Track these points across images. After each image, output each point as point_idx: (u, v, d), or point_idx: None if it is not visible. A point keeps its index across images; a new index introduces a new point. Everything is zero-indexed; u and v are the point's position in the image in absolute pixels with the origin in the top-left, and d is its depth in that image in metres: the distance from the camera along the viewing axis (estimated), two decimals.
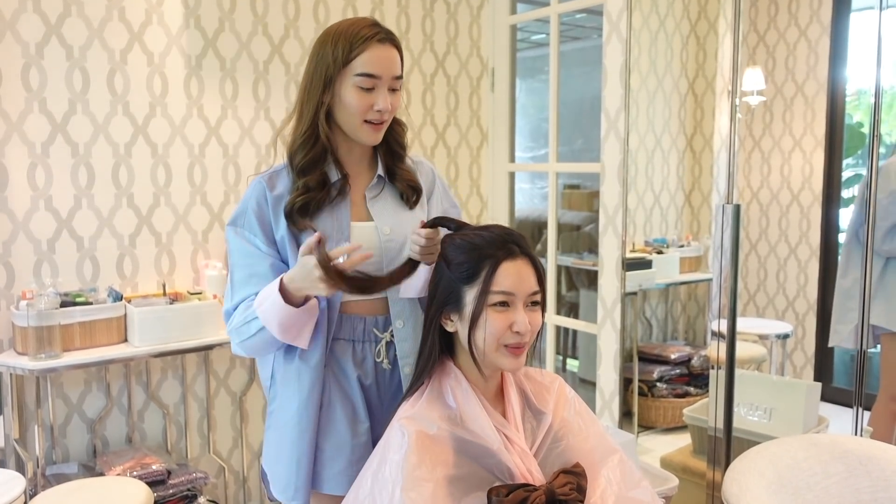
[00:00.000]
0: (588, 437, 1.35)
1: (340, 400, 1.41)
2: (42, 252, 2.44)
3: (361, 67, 1.35)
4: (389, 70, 1.38)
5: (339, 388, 1.42)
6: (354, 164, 1.47)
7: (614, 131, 2.76)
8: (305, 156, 1.40)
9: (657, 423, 3.23)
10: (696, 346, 3.43)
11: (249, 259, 1.41)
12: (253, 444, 2.89)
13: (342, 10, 2.95)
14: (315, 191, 1.39)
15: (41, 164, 2.42)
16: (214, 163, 2.73)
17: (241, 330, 1.39)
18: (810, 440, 1.66)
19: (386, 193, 1.47)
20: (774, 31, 3.45)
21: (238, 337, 1.40)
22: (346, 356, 1.42)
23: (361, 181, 1.47)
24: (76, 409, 2.53)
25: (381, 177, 1.48)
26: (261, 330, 1.35)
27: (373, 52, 1.36)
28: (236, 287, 1.42)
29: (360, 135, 1.40)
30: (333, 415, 1.40)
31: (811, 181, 3.34)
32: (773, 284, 3.47)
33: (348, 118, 1.39)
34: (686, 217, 3.48)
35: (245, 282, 1.40)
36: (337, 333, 1.42)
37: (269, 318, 1.32)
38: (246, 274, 1.40)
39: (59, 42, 2.42)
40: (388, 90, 1.38)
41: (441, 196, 1.57)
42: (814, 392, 2.49)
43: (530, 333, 1.26)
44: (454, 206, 1.61)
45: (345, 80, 1.37)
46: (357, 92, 1.37)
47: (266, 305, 1.33)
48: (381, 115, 1.38)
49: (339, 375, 1.42)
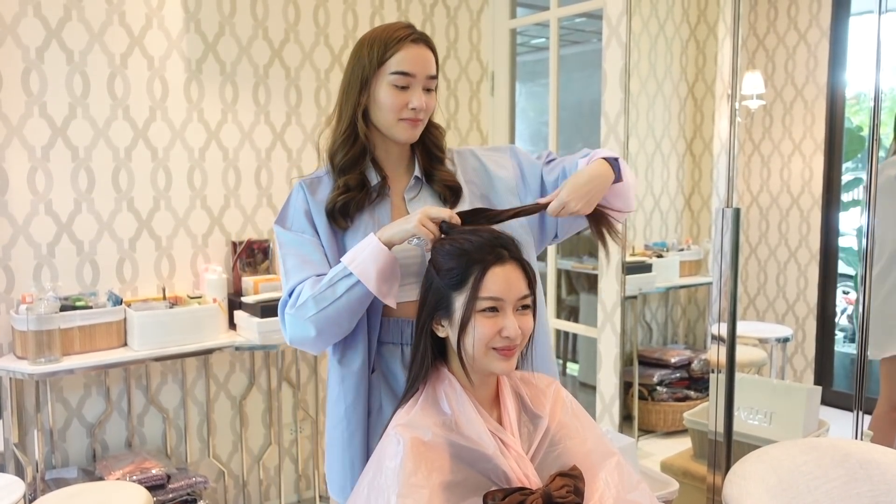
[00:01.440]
0: (585, 439, 1.34)
1: (392, 403, 1.41)
2: (42, 256, 2.44)
3: (396, 66, 1.38)
4: (424, 69, 1.39)
5: (390, 391, 1.42)
6: (393, 166, 1.48)
7: (614, 135, 2.76)
8: (346, 155, 1.42)
9: (657, 427, 3.23)
10: (697, 349, 3.43)
11: (301, 248, 1.42)
12: (253, 448, 2.89)
13: (342, 15, 2.95)
14: (355, 190, 1.41)
15: (41, 169, 2.42)
16: (214, 167, 2.73)
17: (323, 296, 1.33)
18: (810, 444, 1.65)
19: (424, 194, 1.48)
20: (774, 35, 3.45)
21: (315, 306, 1.34)
22: (395, 359, 1.42)
23: (400, 183, 1.48)
24: (76, 413, 2.53)
25: (419, 178, 1.48)
26: (353, 287, 1.32)
27: (407, 52, 1.38)
28: (290, 274, 1.41)
29: (397, 132, 1.42)
30: (385, 419, 1.39)
31: (811, 185, 3.34)
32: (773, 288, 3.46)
33: (384, 117, 1.41)
34: (686, 221, 3.48)
35: (299, 268, 1.40)
36: (384, 337, 1.42)
37: (366, 269, 1.31)
38: (299, 261, 1.41)
39: (60, 46, 2.42)
40: (422, 90, 1.40)
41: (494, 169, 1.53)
42: (814, 396, 2.49)
43: (521, 337, 1.25)
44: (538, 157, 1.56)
45: (380, 79, 1.39)
46: (392, 90, 1.38)
47: (361, 258, 1.32)
48: (416, 114, 1.40)
49: (390, 379, 1.42)
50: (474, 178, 1.51)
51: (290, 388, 2.95)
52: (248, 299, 2.59)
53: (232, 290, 2.74)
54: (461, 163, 1.54)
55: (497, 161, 1.54)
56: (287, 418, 2.95)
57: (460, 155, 1.55)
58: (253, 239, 2.79)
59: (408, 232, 1.30)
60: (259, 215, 2.84)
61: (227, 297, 2.68)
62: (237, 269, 2.75)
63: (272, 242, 2.83)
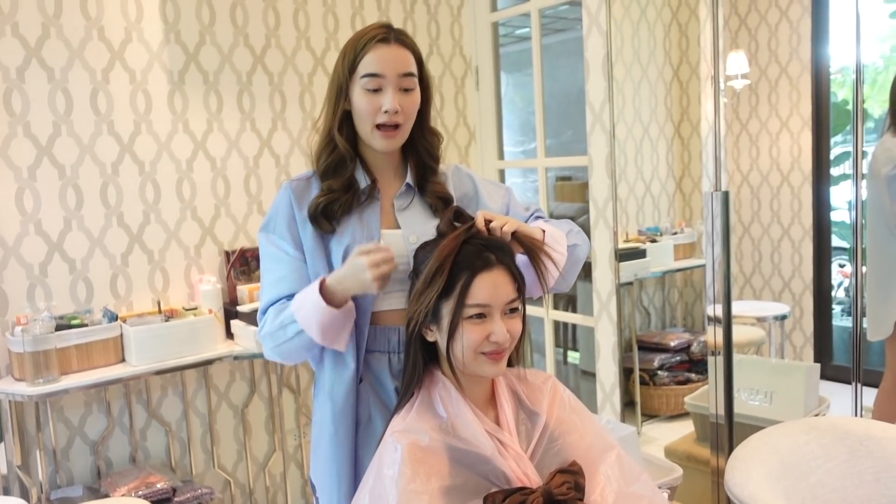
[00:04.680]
0: (584, 434, 1.34)
1: (381, 413, 1.40)
2: (34, 276, 2.43)
3: (365, 69, 1.36)
4: (394, 68, 1.36)
5: (379, 401, 1.41)
6: (382, 171, 1.47)
7: (599, 124, 2.76)
8: (327, 160, 1.42)
9: (660, 412, 3.24)
10: (696, 331, 3.44)
11: (276, 263, 1.43)
12: (258, 456, 2.90)
13: (322, 17, 2.94)
14: (339, 192, 1.40)
15: (28, 189, 2.41)
16: (203, 177, 2.73)
17: (277, 334, 1.38)
18: (810, 424, 1.66)
19: (416, 203, 1.47)
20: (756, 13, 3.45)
21: (272, 341, 1.40)
22: (383, 368, 1.41)
23: (391, 188, 1.47)
24: (78, 431, 2.53)
25: (410, 186, 1.47)
26: (298, 334, 1.35)
27: (375, 53, 1.36)
28: (264, 290, 1.44)
29: (373, 141, 1.40)
30: (374, 428, 1.40)
31: (800, 161, 3.34)
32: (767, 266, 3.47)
33: (361, 123, 1.40)
34: (678, 204, 3.48)
35: (272, 285, 1.42)
36: (371, 346, 1.41)
37: (308, 321, 1.33)
38: (273, 278, 1.42)
39: (40, 65, 2.41)
40: (397, 90, 1.37)
41: (486, 197, 1.52)
42: (813, 373, 2.50)
43: (509, 341, 1.25)
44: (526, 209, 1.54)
45: (354, 86, 1.38)
46: (364, 94, 1.37)
47: (305, 308, 1.33)
48: (391, 117, 1.37)
49: (378, 389, 1.42)
50: (463, 199, 1.50)
51: (291, 393, 2.95)
52: (243, 308, 2.59)
53: (227, 299, 2.74)
54: (456, 179, 1.53)
55: (490, 193, 1.54)
56: (290, 424, 2.95)
57: (458, 172, 1.54)
58: (246, 247, 2.78)
59: (364, 286, 1.28)
60: (250, 223, 2.83)
61: (222, 306, 2.67)
62: (231, 279, 2.74)
63: None
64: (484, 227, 1.28)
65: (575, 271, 1.45)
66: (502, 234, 1.28)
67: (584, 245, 1.46)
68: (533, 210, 1.53)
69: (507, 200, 1.54)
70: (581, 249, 1.44)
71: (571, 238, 1.43)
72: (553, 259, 1.32)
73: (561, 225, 1.46)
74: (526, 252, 1.30)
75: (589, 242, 1.50)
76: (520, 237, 1.30)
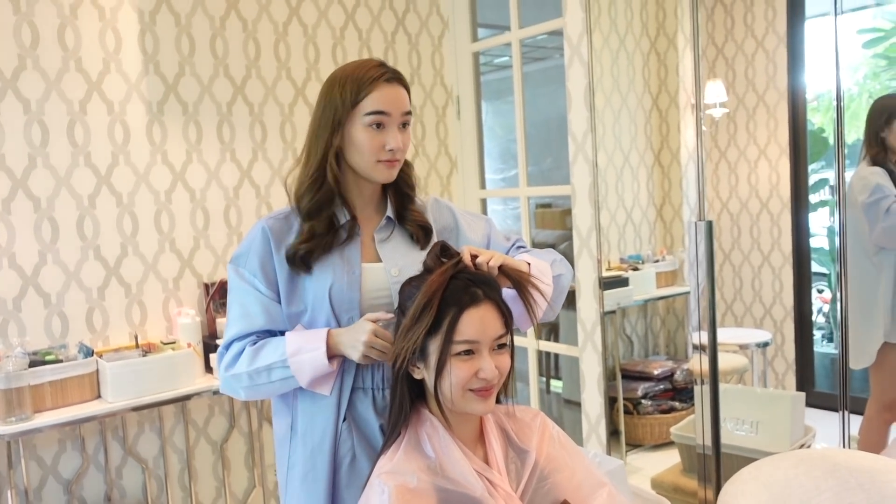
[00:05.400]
0: (574, 472, 1.32)
1: (366, 452, 1.37)
2: (7, 311, 2.37)
3: (371, 106, 1.36)
4: (399, 107, 1.38)
5: (363, 439, 1.38)
6: (364, 206, 1.46)
7: (582, 154, 2.76)
8: (312, 199, 1.40)
9: (644, 441, 3.22)
10: (678, 359, 3.43)
11: (245, 297, 1.41)
12: (237, 492, 2.83)
13: (303, 48, 2.94)
14: (320, 236, 1.39)
15: (2, 222, 2.36)
16: (182, 208, 2.69)
17: (256, 376, 1.36)
18: (799, 456, 1.65)
19: (396, 235, 1.47)
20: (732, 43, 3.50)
21: (248, 381, 1.38)
22: (367, 406, 1.39)
23: (370, 223, 1.46)
24: (51, 470, 2.46)
25: (391, 219, 1.46)
26: (287, 379, 1.35)
27: (381, 92, 1.37)
28: (230, 324, 1.42)
29: (375, 174, 1.40)
30: (359, 468, 1.37)
31: (779, 188, 3.37)
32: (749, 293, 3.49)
33: (361, 159, 1.39)
34: (659, 231, 3.50)
35: (239, 319, 1.40)
36: (355, 383, 1.39)
37: (302, 370, 1.33)
38: (241, 312, 1.40)
39: (16, 96, 2.38)
40: (398, 127, 1.39)
41: (466, 230, 1.52)
42: (799, 402, 2.50)
43: (498, 377, 1.23)
44: (507, 238, 1.55)
45: (355, 120, 1.37)
46: (368, 131, 1.37)
47: (304, 357, 1.32)
48: (394, 154, 1.38)
49: (362, 426, 1.39)
50: (443, 231, 1.51)
51: (271, 428, 2.89)
52: None
53: (206, 332, 2.69)
54: (436, 211, 1.53)
55: (470, 224, 1.54)
56: (270, 459, 2.89)
57: (437, 204, 1.55)
58: (225, 279, 2.74)
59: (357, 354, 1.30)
60: (230, 254, 2.77)
61: (202, 340, 2.63)
62: (210, 311, 2.70)
63: None
64: (471, 262, 1.27)
65: (561, 300, 1.45)
66: (489, 268, 1.27)
67: (567, 273, 1.46)
68: (514, 240, 1.53)
69: (488, 231, 1.54)
70: (565, 278, 1.44)
71: (556, 268, 1.42)
72: (541, 290, 1.31)
73: (544, 255, 1.45)
74: (513, 285, 1.29)
75: (572, 270, 1.50)
76: (506, 271, 1.29)
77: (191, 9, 2.69)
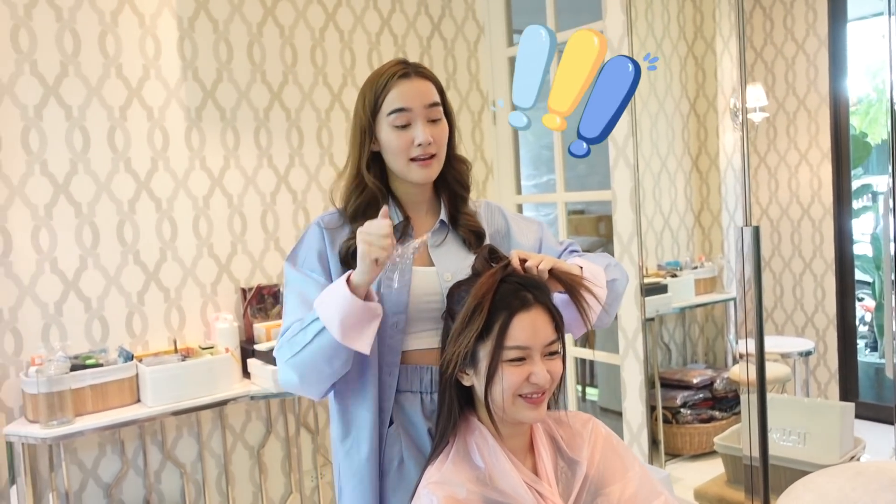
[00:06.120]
0: (628, 482, 1.29)
1: (414, 457, 1.34)
2: (49, 315, 2.39)
3: (390, 105, 1.34)
4: (420, 100, 1.35)
5: (412, 443, 1.36)
6: (415, 208, 1.44)
7: (623, 158, 2.73)
8: (356, 202, 1.39)
9: (684, 451, 3.16)
10: (718, 368, 3.37)
11: (303, 287, 1.38)
12: (273, 497, 2.82)
13: (339, 53, 2.94)
14: None
15: (45, 227, 2.38)
16: (219, 214, 2.70)
17: (294, 340, 1.30)
18: (855, 469, 1.59)
19: (449, 239, 1.44)
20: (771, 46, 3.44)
21: (289, 351, 1.31)
22: (415, 409, 1.36)
23: (424, 225, 1.44)
24: (91, 473, 2.47)
25: (444, 223, 1.44)
26: (319, 333, 1.27)
27: (398, 89, 1.34)
28: (287, 313, 1.38)
29: (411, 175, 1.37)
30: (406, 473, 1.34)
31: (820, 194, 3.30)
32: (790, 301, 3.42)
33: (394, 161, 1.37)
34: (697, 238, 3.44)
35: (296, 308, 1.37)
36: (402, 386, 1.36)
37: (330, 316, 1.25)
38: (298, 301, 1.37)
39: (58, 103, 2.40)
40: (426, 122, 1.35)
41: (517, 234, 1.49)
42: (848, 413, 2.42)
43: (550, 383, 1.20)
44: (560, 243, 1.51)
45: (381, 124, 1.36)
46: (393, 131, 1.35)
47: (329, 301, 1.27)
48: (425, 149, 1.35)
49: (410, 430, 1.36)
50: (495, 235, 1.48)
51: (308, 433, 2.89)
52: (260, 346, 2.54)
53: (244, 337, 2.69)
54: (488, 215, 1.50)
55: (522, 228, 1.51)
56: (307, 465, 2.88)
57: (489, 208, 1.52)
58: (262, 284, 2.74)
59: (366, 262, 1.23)
60: (267, 260, 2.80)
61: (239, 345, 2.63)
62: (248, 316, 2.70)
63: (282, 287, 2.78)
64: (520, 266, 1.24)
65: (616, 306, 1.41)
66: (539, 272, 1.24)
67: (622, 278, 1.42)
68: (566, 244, 1.50)
69: (540, 235, 1.50)
70: (620, 283, 1.40)
71: (610, 272, 1.39)
72: (594, 294, 1.28)
73: (598, 259, 1.42)
74: (565, 289, 1.26)
75: (628, 276, 1.46)
76: (557, 274, 1.26)
77: (228, 15, 2.70)
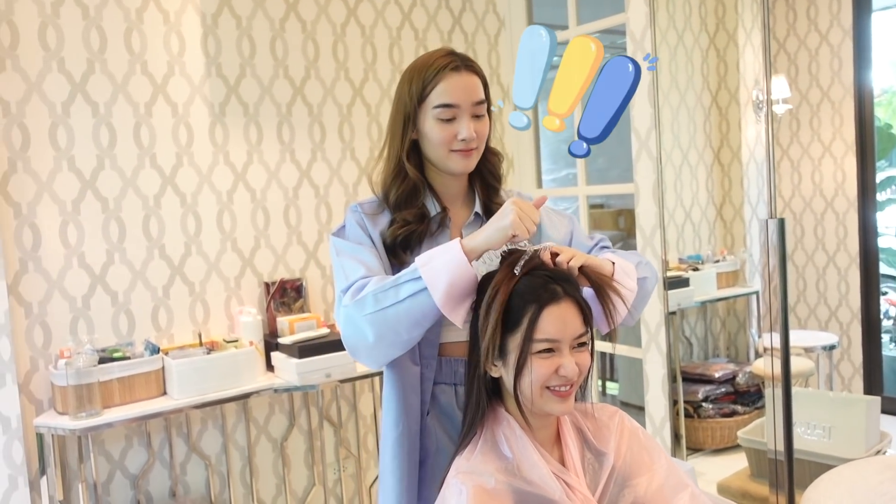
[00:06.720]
0: (655, 474, 1.29)
1: (449, 448, 1.35)
2: (77, 309, 2.43)
3: (438, 99, 1.33)
4: (468, 97, 1.34)
5: (447, 434, 1.37)
6: (451, 199, 1.44)
7: (646, 151, 2.72)
8: (399, 191, 1.38)
9: (706, 445, 3.15)
10: (740, 362, 3.35)
11: (360, 254, 1.34)
12: (296, 490, 2.85)
13: (360, 49, 2.95)
14: (414, 223, 1.37)
15: (72, 222, 2.42)
16: (243, 208, 2.72)
17: (382, 296, 1.23)
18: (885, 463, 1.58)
19: None
20: (794, 37, 3.41)
21: (374, 306, 1.23)
22: (451, 401, 1.38)
23: (459, 216, 1.44)
24: (118, 465, 2.50)
25: (479, 214, 1.44)
26: (418, 293, 1.21)
27: (448, 83, 1.33)
28: (350, 272, 1.32)
29: (450, 164, 1.37)
30: (441, 462, 1.34)
31: (844, 187, 3.27)
32: (813, 294, 3.39)
33: (435, 151, 1.37)
34: (719, 231, 3.42)
35: (355, 268, 1.32)
36: (438, 378, 1.37)
37: (437, 277, 1.20)
38: (355, 261, 1.33)
39: (85, 99, 2.43)
40: (471, 118, 1.35)
41: (549, 226, 1.48)
42: (874, 407, 2.41)
43: (578, 375, 1.20)
44: (590, 238, 1.50)
45: (425, 114, 1.35)
46: (438, 124, 1.34)
47: (437, 262, 1.22)
48: (467, 144, 1.35)
49: (445, 422, 1.38)
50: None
51: (331, 426, 2.91)
52: (284, 340, 2.56)
53: (267, 331, 2.71)
54: None
55: (553, 221, 1.50)
56: (330, 458, 2.90)
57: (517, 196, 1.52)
58: (285, 278, 2.77)
59: (504, 230, 1.21)
60: (290, 254, 2.82)
61: (262, 338, 2.65)
62: (271, 310, 2.72)
63: (305, 281, 2.80)
64: (550, 261, 1.24)
65: (643, 305, 1.40)
66: (569, 267, 1.24)
67: (652, 277, 1.41)
68: (597, 239, 1.49)
69: (571, 229, 1.50)
70: (650, 282, 1.40)
71: (640, 270, 1.38)
72: (621, 295, 1.27)
73: (629, 256, 1.41)
74: (593, 287, 1.26)
75: (657, 274, 1.45)
76: (587, 272, 1.25)
77: (251, 11, 2.72)
